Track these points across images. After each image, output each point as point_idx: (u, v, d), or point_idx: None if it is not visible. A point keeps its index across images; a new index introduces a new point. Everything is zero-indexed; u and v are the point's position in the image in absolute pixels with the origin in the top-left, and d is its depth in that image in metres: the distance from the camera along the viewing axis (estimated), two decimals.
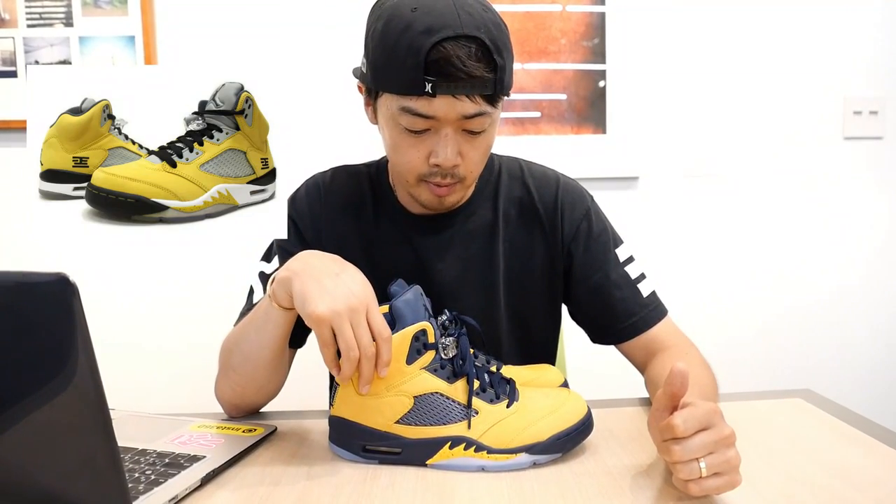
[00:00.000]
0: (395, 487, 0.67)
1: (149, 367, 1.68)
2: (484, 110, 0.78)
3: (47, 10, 1.71)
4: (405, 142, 0.81)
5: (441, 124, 0.78)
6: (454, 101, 0.76)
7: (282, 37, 1.74)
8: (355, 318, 0.67)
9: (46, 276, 0.44)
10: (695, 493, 0.59)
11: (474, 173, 0.85)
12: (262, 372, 0.84)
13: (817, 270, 1.90)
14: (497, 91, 0.77)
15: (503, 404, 0.72)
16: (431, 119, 0.78)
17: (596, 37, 1.84)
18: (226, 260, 1.47)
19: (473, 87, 0.75)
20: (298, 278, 0.71)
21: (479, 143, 0.82)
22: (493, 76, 0.76)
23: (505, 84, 0.78)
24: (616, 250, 0.94)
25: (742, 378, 1.86)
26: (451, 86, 0.74)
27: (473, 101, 0.76)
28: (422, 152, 0.81)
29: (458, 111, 0.77)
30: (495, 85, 0.76)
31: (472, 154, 0.82)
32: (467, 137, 0.81)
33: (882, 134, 1.88)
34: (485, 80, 0.75)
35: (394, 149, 0.84)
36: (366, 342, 0.67)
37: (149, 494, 0.63)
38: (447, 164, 0.80)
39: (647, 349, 0.91)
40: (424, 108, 0.76)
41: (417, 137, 0.80)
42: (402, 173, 0.85)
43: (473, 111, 0.77)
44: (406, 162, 0.83)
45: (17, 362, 0.45)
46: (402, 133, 0.81)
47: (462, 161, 0.81)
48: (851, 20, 1.85)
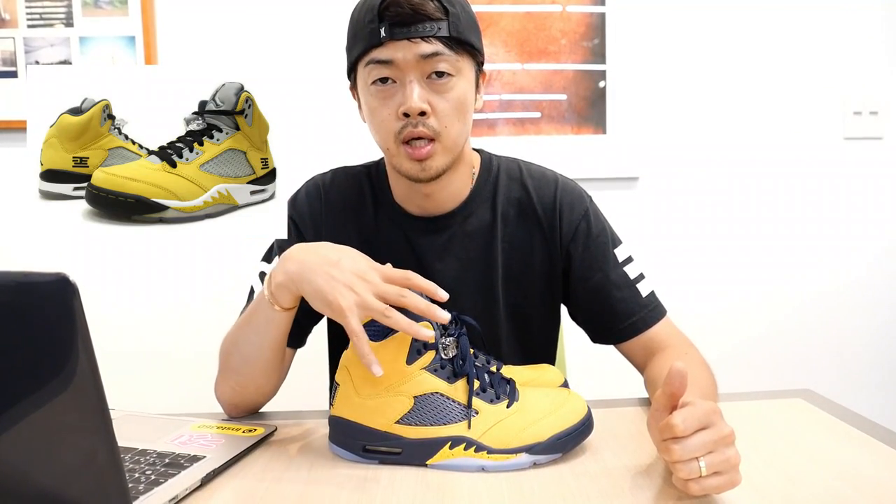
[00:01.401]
0: (395, 487, 0.67)
1: (149, 368, 1.67)
2: (440, 51, 0.81)
3: (48, 11, 1.71)
4: (377, 101, 0.84)
5: (403, 72, 0.81)
6: (410, 43, 0.80)
7: (282, 37, 1.74)
8: (374, 288, 0.70)
9: (47, 277, 0.44)
10: (695, 492, 0.59)
11: (450, 130, 0.84)
12: (262, 373, 0.84)
13: (817, 271, 1.90)
14: (452, 33, 0.81)
15: (503, 404, 0.72)
16: (392, 65, 0.81)
17: (596, 37, 1.84)
18: (226, 260, 1.47)
19: (425, 28, 0.79)
20: (304, 280, 0.72)
21: (448, 96, 0.83)
22: (445, 18, 0.80)
23: (462, 31, 0.82)
24: (615, 250, 0.94)
25: (742, 378, 1.86)
26: (404, 30, 0.79)
27: (429, 42, 0.80)
28: (392, 108, 0.83)
29: (415, 52, 0.80)
30: (449, 27, 0.81)
31: (442, 106, 0.83)
32: (434, 87, 0.82)
33: (882, 134, 1.88)
34: (436, 19, 0.80)
35: (371, 115, 0.86)
36: (395, 293, 0.70)
37: (149, 494, 0.63)
38: (413, 107, 0.81)
39: (646, 349, 0.91)
40: (384, 55, 0.81)
41: (386, 93, 0.83)
42: (382, 138, 0.86)
43: (430, 51, 0.80)
44: (380, 122, 0.84)
45: (17, 362, 0.45)
46: (374, 94, 0.83)
47: (432, 113, 0.82)
48: (851, 21, 1.85)
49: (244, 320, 0.84)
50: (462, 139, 0.87)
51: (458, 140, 0.86)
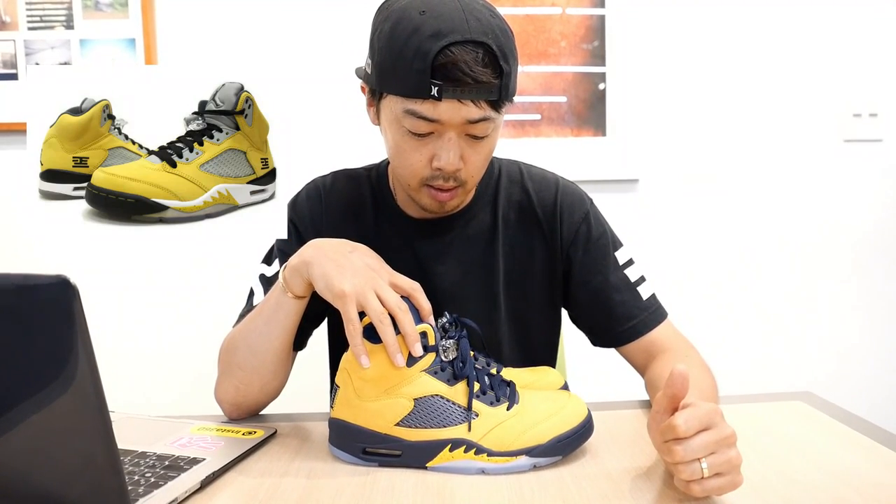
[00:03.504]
0: (394, 490, 0.66)
1: (149, 369, 1.67)
2: (488, 115, 0.78)
3: (48, 13, 1.71)
4: (408, 145, 0.81)
5: (445, 128, 0.78)
6: (459, 105, 0.76)
7: (282, 37, 1.74)
8: (378, 284, 0.71)
9: (47, 279, 0.44)
10: (697, 493, 0.59)
11: (475, 178, 0.85)
12: (269, 366, 0.84)
13: (817, 273, 1.90)
14: (502, 97, 0.77)
15: (503, 407, 0.72)
16: (436, 123, 0.78)
17: (596, 39, 1.84)
18: (226, 260, 1.47)
19: (479, 92, 0.75)
20: (315, 263, 0.74)
21: (481, 149, 0.82)
22: (499, 82, 0.76)
23: (510, 90, 0.79)
24: (615, 253, 0.94)
25: (742, 381, 1.86)
26: (457, 90, 0.75)
27: (478, 106, 0.76)
28: (424, 156, 0.81)
29: (463, 116, 0.77)
30: (500, 91, 0.77)
31: (475, 159, 0.82)
32: (470, 142, 0.81)
33: (881, 136, 1.88)
34: (490, 85, 0.76)
35: (396, 151, 0.84)
36: (394, 301, 0.70)
37: (148, 497, 0.63)
38: (450, 168, 0.80)
39: (646, 352, 0.91)
40: (429, 112, 0.77)
41: (420, 141, 0.80)
42: (405, 177, 0.85)
43: (478, 116, 0.77)
44: (408, 165, 0.83)
45: (17, 364, 0.45)
46: (405, 136, 0.81)
47: (464, 165, 0.82)
48: (851, 22, 1.85)
49: (254, 313, 0.85)
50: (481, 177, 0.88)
51: (479, 181, 0.88)
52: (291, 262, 0.78)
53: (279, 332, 0.82)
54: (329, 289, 0.72)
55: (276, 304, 0.81)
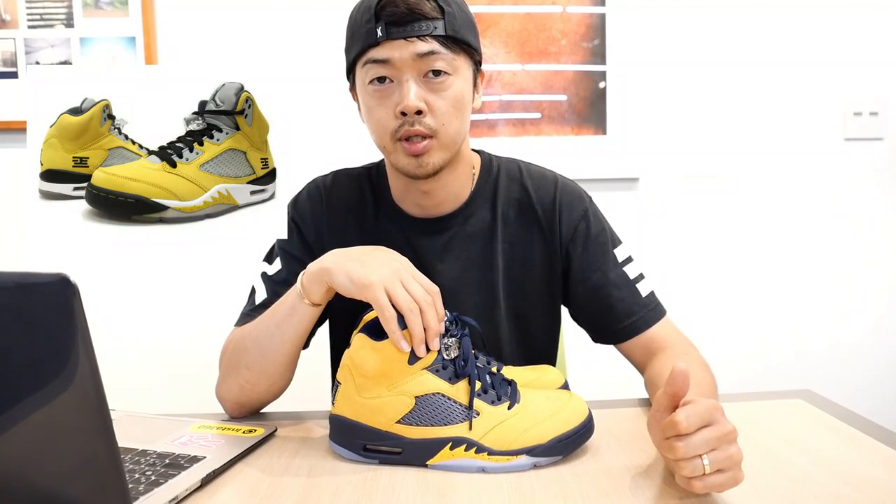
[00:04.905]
0: (395, 487, 0.67)
1: (149, 368, 1.67)
2: (436, 49, 0.81)
3: (48, 11, 1.71)
4: (374, 101, 0.84)
5: (400, 71, 0.82)
6: (406, 42, 0.80)
7: (282, 37, 1.74)
8: (404, 276, 0.74)
9: (47, 277, 0.44)
10: (698, 490, 0.59)
11: (447, 128, 0.84)
12: (278, 368, 0.84)
13: (817, 271, 1.90)
14: (448, 32, 0.81)
15: (504, 406, 0.72)
16: (389, 65, 0.81)
17: (596, 38, 1.84)
18: (226, 260, 1.47)
19: (421, 27, 0.80)
20: (337, 267, 0.76)
21: (445, 94, 0.83)
22: (441, 17, 0.81)
23: (458, 30, 0.82)
24: (615, 250, 0.94)
25: (742, 379, 1.86)
26: (400, 29, 0.80)
27: (424, 40, 0.80)
28: (389, 108, 0.83)
29: (411, 51, 0.81)
30: (445, 27, 0.81)
31: (439, 104, 0.83)
32: (430, 86, 0.83)
33: (882, 135, 1.88)
34: (431, 18, 0.81)
35: (368, 116, 0.86)
36: (421, 294, 0.72)
37: (149, 495, 0.63)
38: (411, 106, 0.81)
39: (646, 349, 0.91)
40: (381, 54, 0.81)
41: (383, 93, 0.83)
42: (379, 136, 0.86)
43: (426, 49, 0.81)
44: (378, 121, 0.85)
45: (17, 363, 0.45)
46: (371, 94, 0.84)
47: (429, 111, 0.83)
48: (851, 21, 1.85)
49: (266, 315, 0.85)
50: (460, 137, 0.87)
51: (455, 138, 0.86)
52: (311, 268, 0.79)
53: (291, 337, 0.82)
54: (354, 283, 0.73)
55: (290, 309, 0.81)
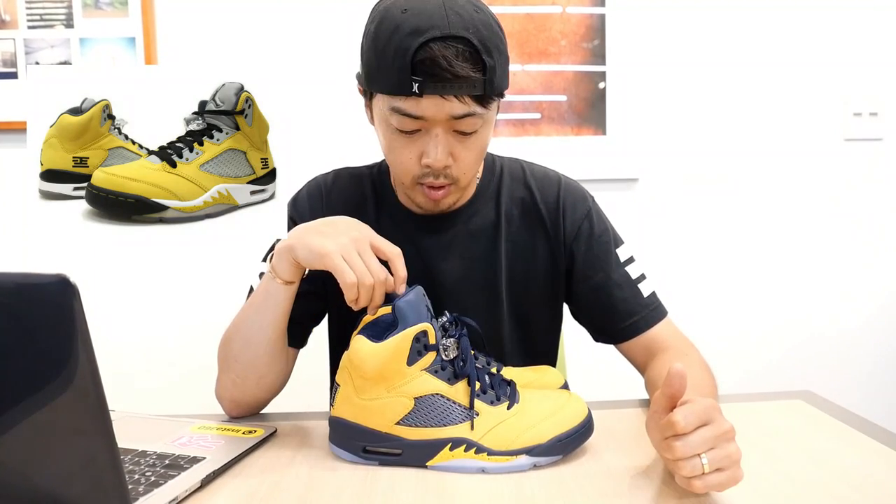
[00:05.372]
0: (395, 489, 0.66)
1: (149, 368, 1.67)
2: (473, 111, 0.78)
3: (48, 12, 1.71)
4: (398, 143, 0.82)
5: (431, 125, 0.79)
6: (442, 101, 0.76)
7: (282, 37, 1.74)
8: (361, 246, 0.74)
9: (47, 278, 0.44)
10: (698, 489, 0.59)
11: (468, 175, 0.85)
12: (263, 357, 0.84)
13: (817, 272, 1.90)
14: (487, 92, 0.77)
15: (504, 406, 0.72)
16: (420, 119, 0.78)
17: (596, 38, 1.84)
18: (226, 260, 1.47)
19: (461, 87, 0.75)
20: (298, 241, 0.76)
21: (471, 145, 0.82)
22: (482, 77, 0.76)
23: (496, 85, 0.78)
24: (617, 250, 0.94)
25: (742, 379, 1.86)
26: (438, 86, 0.74)
27: (462, 101, 0.76)
28: (413, 153, 0.81)
29: (447, 112, 0.77)
30: (485, 86, 0.76)
31: (465, 155, 0.82)
32: (459, 138, 0.81)
33: (882, 135, 1.89)
34: (472, 80, 0.75)
35: (388, 149, 0.85)
36: (376, 267, 0.73)
37: (149, 496, 0.63)
38: (437, 165, 0.80)
39: (647, 349, 0.91)
40: (413, 109, 0.77)
41: (409, 138, 0.81)
42: (398, 175, 0.86)
43: (462, 112, 0.77)
44: (400, 163, 0.83)
45: (17, 363, 0.45)
46: (394, 134, 0.81)
47: (454, 162, 0.82)
48: (851, 21, 1.85)
49: (246, 304, 0.86)
50: (476, 175, 0.88)
51: (473, 179, 0.88)
52: (278, 247, 0.80)
53: (271, 320, 0.82)
54: (314, 253, 0.74)
55: (265, 293, 0.82)
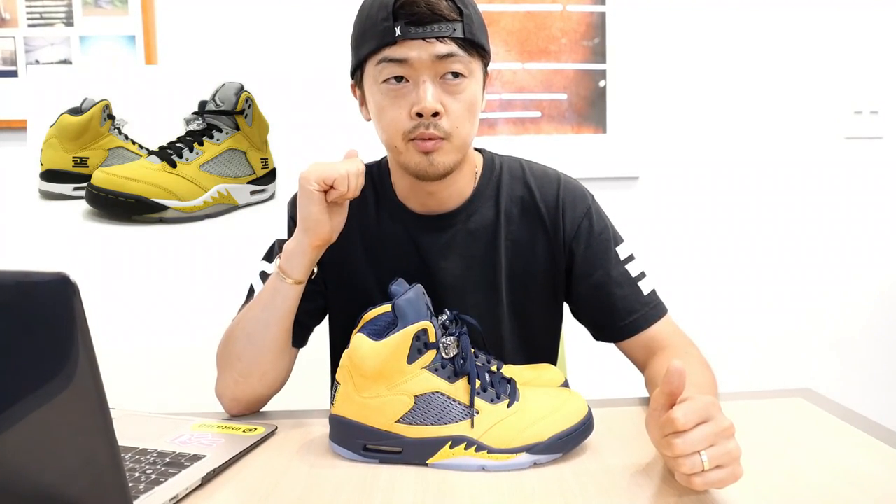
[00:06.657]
0: (395, 486, 0.67)
1: (149, 367, 1.67)
2: (455, 52, 0.81)
3: (48, 10, 1.71)
4: (388, 101, 0.83)
5: (417, 71, 0.81)
6: (425, 43, 0.80)
7: (282, 37, 1.74)
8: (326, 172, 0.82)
9: (47, 276, 0.44)
10: (698, 486, 0.59)
11: (460, 131, 0.84)
12: (267, 355, 0.85)
13: (817, 270, 1.90)
14: (466, 35, 0.81)
15: (504, 404, 0.72)
16: (406, 64, 0.80)
17: (596, 36, 1.84)
18: (226, 260, 1.47)
19: (441, 28, 0.80)
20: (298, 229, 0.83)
21: (460, 97, 0.83)
22: (461, 20, 0.81)
23: (475, 34, 0.82)
24: (617, 249, 0.94)
25: (742, 377, 1.86)
26: (420, 30, 0.79)
27: (444, 42, 0.80)
28: (404, 108, 0.82)
29: (431, 52, 0.80)
30: (464, 29, 0.81)
31: (454, 107, 0.83)
32: (447, 88, 0.82)
33: (882, 134, 1.88)
34: (451, 20, 0.80)
35: (380, 114, 0.85)
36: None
37: (149, 494, 0.63)
38: (428, 108, 0.81)
39: (647, 347, 0.91)
40: (398, 53, 0.80)
41: (399, 91, 0.82)
42: (390, 136, 0.85)
43: (445, 51, 0.80)
44: (391, 121, 0.84)
45: (17, 362, 0.45)
46: (385, 93, 0.83)
47: (445, 114, 0.82)
48: (852, 20, 1.85)
49: (251, 303, 0.87)
50: (470, 139, 0.88)
51: (466, 140, 0.87)
52: (286, 246, 0.83)
53: (278, 318, 0.83)
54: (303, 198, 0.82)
55: (273, 290, 0.83)
